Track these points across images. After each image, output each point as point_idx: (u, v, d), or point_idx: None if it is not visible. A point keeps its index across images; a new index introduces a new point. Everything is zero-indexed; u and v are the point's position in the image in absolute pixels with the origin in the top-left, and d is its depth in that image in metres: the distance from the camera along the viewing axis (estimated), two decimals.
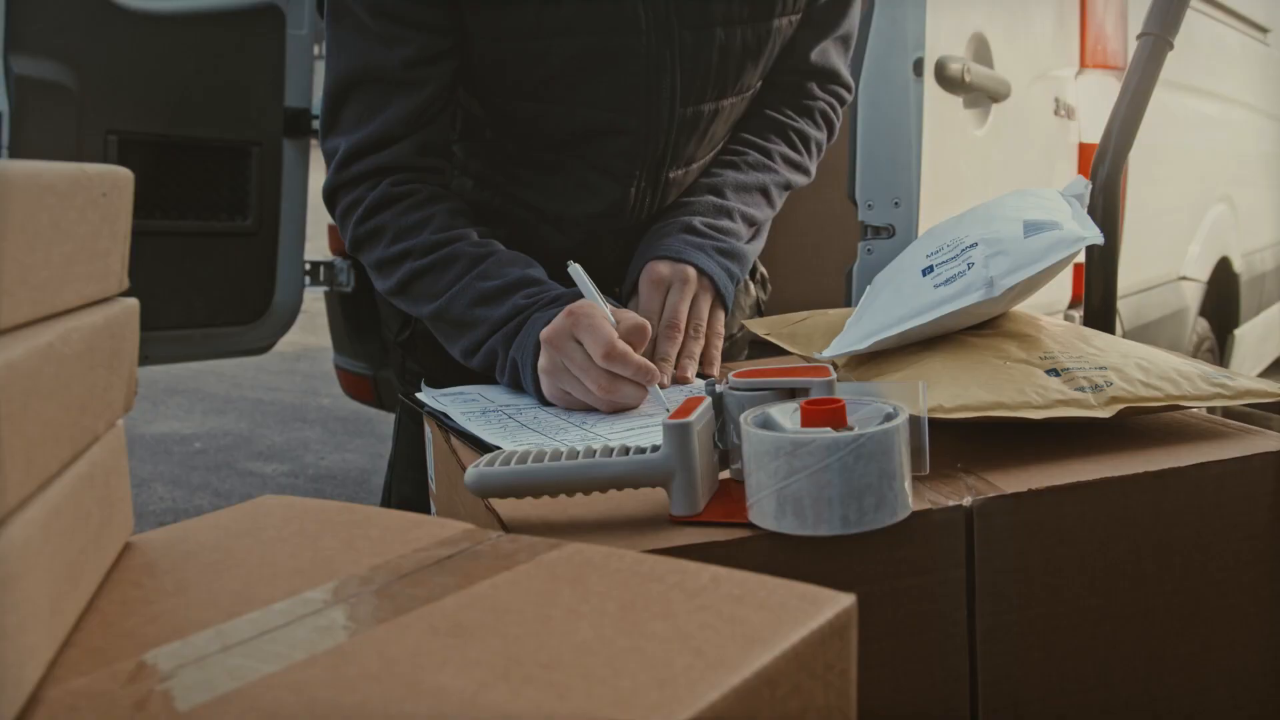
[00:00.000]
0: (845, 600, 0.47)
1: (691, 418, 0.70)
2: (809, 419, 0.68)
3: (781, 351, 1.08)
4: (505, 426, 0.93)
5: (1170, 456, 0.76)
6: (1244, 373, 0.90)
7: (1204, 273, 2.84)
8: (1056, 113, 2.04)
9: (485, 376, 1.09)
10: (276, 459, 4.15)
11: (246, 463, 4.11)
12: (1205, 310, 2.88)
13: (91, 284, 0.48)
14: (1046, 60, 2.06)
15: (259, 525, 0.57)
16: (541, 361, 0.97)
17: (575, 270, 1.02)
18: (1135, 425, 0.83)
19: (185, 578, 0.50)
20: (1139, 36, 1.31)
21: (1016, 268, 0.83)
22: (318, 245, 3.03)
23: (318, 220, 3.07)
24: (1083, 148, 2.15)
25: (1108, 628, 0.74)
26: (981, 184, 1.78)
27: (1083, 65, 2.16)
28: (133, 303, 0.53)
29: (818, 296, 1.61)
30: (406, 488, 1.40)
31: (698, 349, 1.07)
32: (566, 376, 0.95)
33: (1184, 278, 2.71)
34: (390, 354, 1.43)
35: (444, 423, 0.96)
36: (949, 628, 0.71)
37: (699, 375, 1.07)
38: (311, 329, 4.81)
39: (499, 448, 0.86)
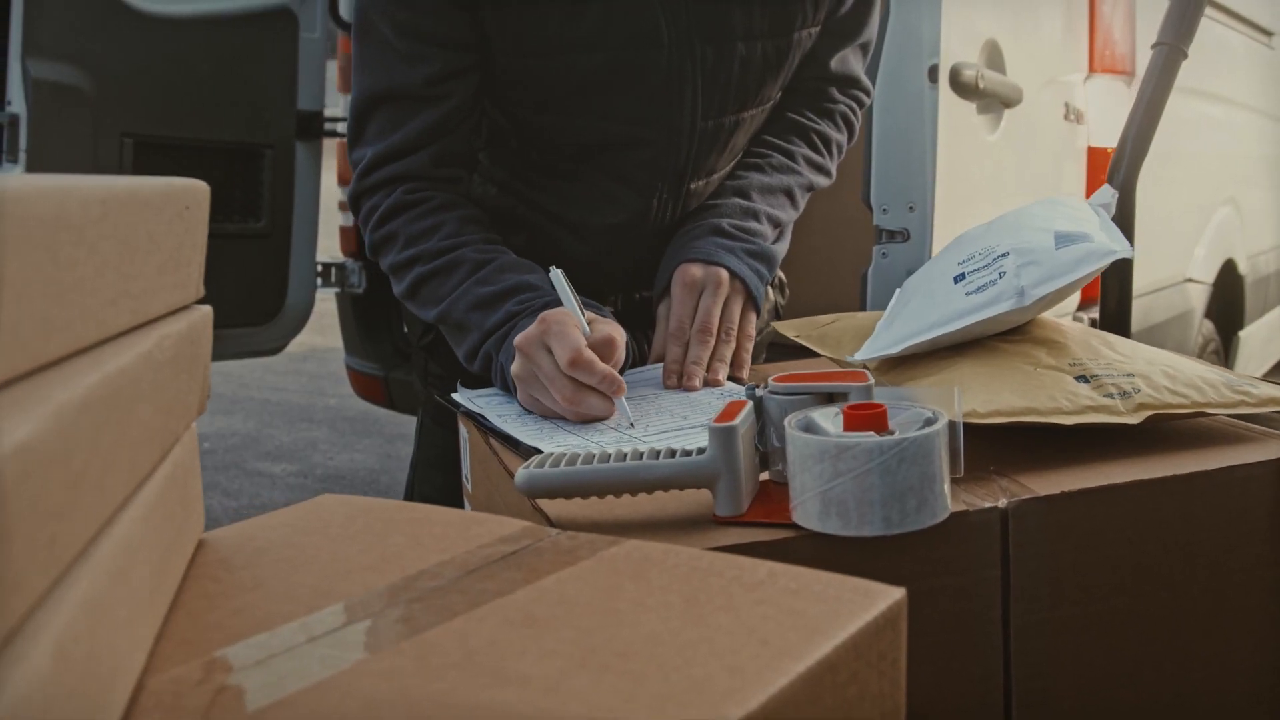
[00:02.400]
0: (896, 593, 0.49)
1: (736, 421, 0.72)
2: (852, 423, 0.70)
3: (802, 353, 1.10)
4: (542, 428, 0.95)
5: (1197, 461, 0.78)
6: (1250, 375, 0.92)
7: (1209, 275, 2.86)
8: (1066, 117, 2.06)
9: None
10: (285, 459, 4.17)
11: (255, 463, 4.12)
12: (1211, 312, 2.90)
13: (176, 292, 0.50)
14: (1056, 65, 2.08)
15: (325, 523, 0.59)
16: (514, 368, 0.97)
17: (556, 276, 1.02)
18: (1160, 430, 0.85)
19: (261, 574, 0.52)
20: (1153, 46, 1.33)
21: (1048, 278, 0.85)
22: (327, 246, 3.05)
23: (329, 222, 3.09)
24: (1091, 151, 2.17)
25: (1136, 626, 0.76)
26: (994, 189, 1.80)
27: (1091, 70, 2.18)
28: (207, 309, 0.54)
29: (832, 300, 1.63)
30: (428, 489, 1.41)
31: (729, 352, 1.09)
32: (536, 384, 0.96)
33: (1190, 280, 2.73)
34: (413, 357, 1.45)
35: (481, 424, 0.98)
36: (984, 626, 0.73)
37: (729, 378, 1.09)
38: (318, 329, 4.83)
39: (537, 448, 0.88)
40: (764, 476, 0.79)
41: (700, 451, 0.73)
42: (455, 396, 1.07)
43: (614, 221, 1.20)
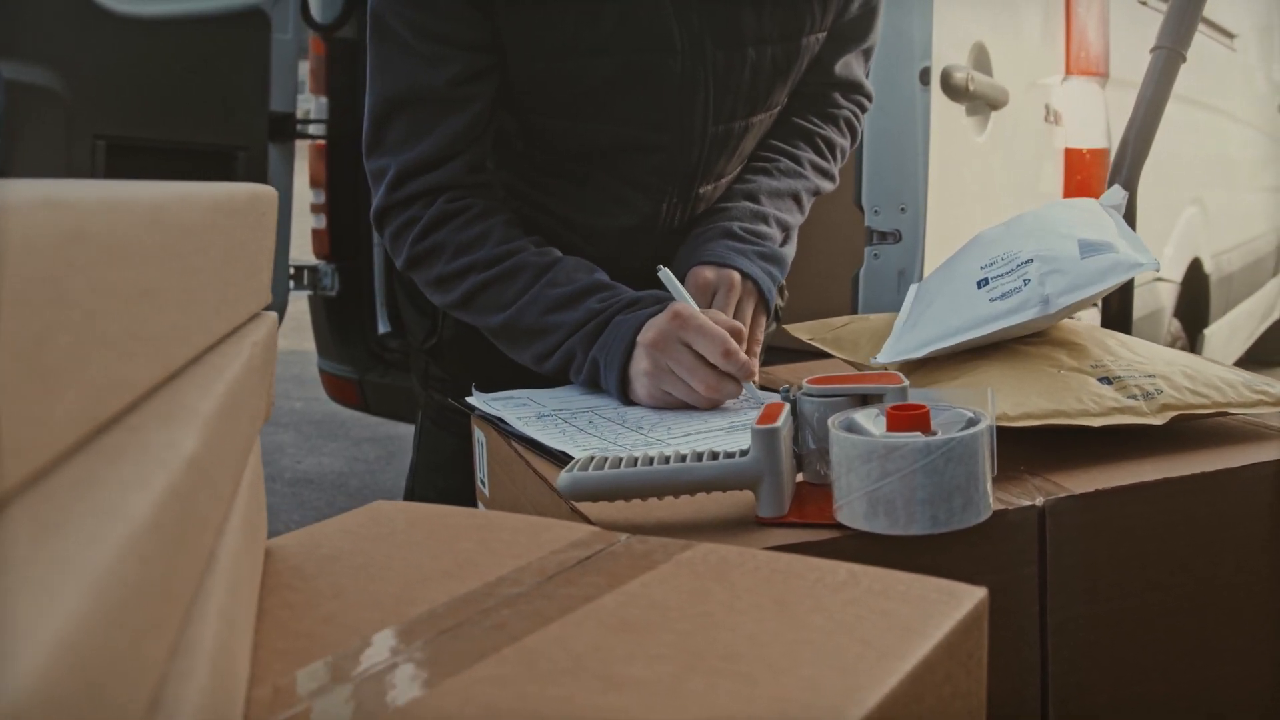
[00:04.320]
0: (979, 593, 0.50)
1: (778, 423, 0.73)
2: (895, 424, 0.70)
3: (798, 357, 1.11)
4: (564, 431, 0.95)
5: (1222, 459, 0.80)
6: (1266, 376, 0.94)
7: (1178, 274, 2.91)
8: (1046, 119, 2.08)
9: (517, 381, 1.11)
10: None
11: None
12: (1178, 310, 2.95)
13: (254, 299, 0.49)
14: (1036, 68, 2.10)
15: (388, 530, 0.59)
16: (643, 365, 1.00)
17: (666, 275, 1.05)
18: (1182, 430, 0.86)
19: (338, 582, 0.52)
20: (1153, 50, 1.35)
21: (1073, 288, 0.87)
22: (299, 248, 3.02)
23: (301, 224, 3.06)
24: (1068, 153, 2.20)
25: (1167, 620, 0.78)
26: (982, 190, 1.82)
27: (1068, 72, 2.21)
28: (274, 316, 0.54)
29: (824, 301, 1.64)
30: (430, 492, 1.41)
31: None
32: (670, 378, 0.99)
33: (1159, 279, 2.77)
34: (412, 360, 1.44)
35: (501, 427, 0.98)
36: (1023, 622, 0.74)
37: None
38: (280, 332, 4.78)
39: (565, 451, 0.88)
40: (798, 478, 0.80)
41: (743, 453, 0.73)
42: (470, 400, 1.06)
43: (623, 225, 1.20)
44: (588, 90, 1.11)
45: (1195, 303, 3.18)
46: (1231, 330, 3.64)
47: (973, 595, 0.48)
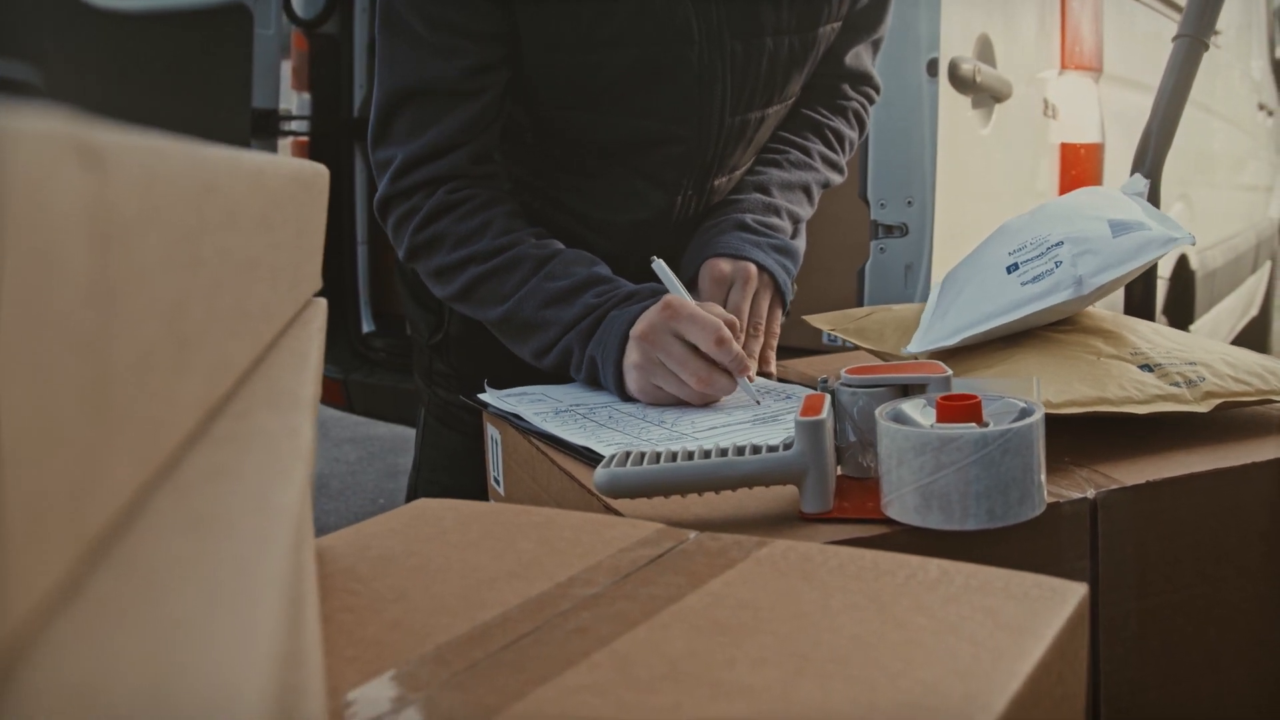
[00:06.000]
0: (1080, 589, 0.47)
1: (823, 415, 0.70)
2: (946, 415, 0.68)
3: (804, 354, 1.08)
4: (584, 426, 0.92)
5: (1269, 448, 0.78)
6: None
7: (1166, 271, 2.92)
8: (1045, 113, 2.07)
9: (525, 377, 1.09)
10: None
11: None
12: (1165, 306, 2.96)
13: (312, 281, 0.46)
14: (1034, 61, 2.09)
15: (439, 530, 0.56)
16: (633, 357, 0.97)
17: (660, 266, 1.02)
18: (1224, 418, 0.85)
19: (398, 584, 0.49)
20: (1174, 39, 1.34)
21: (1105, 267, 0.85)
22: None
23: None
24: (1064, 148, 2.19)
25: (1217, 614, 0.76)
26: (986, 183, 1.80)
27: (1063, 67, 2.20)
28: (324, 301, 0.51)
29: (829, 296, 1.62)
30: (435, 490, 1.39)
31: (758, 347, 1.08)
32: (661, 371, 0.96)
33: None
34: (415, 357, 1.41)
35: (518, 424, 0.95)
36: None
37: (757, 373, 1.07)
38: None
39: (587, 447, 0.86)
40: (837, 471, 0.77)
41: (786, 446, 0.71)
42: (483, 396, 1.04)
43: (637, 218, 1.18)
44: (605, 83, 1.08)
45: (1182, 299, 3.19)
46: (1215, 327, 3.66)
47: (1075, 592, 0.46)
